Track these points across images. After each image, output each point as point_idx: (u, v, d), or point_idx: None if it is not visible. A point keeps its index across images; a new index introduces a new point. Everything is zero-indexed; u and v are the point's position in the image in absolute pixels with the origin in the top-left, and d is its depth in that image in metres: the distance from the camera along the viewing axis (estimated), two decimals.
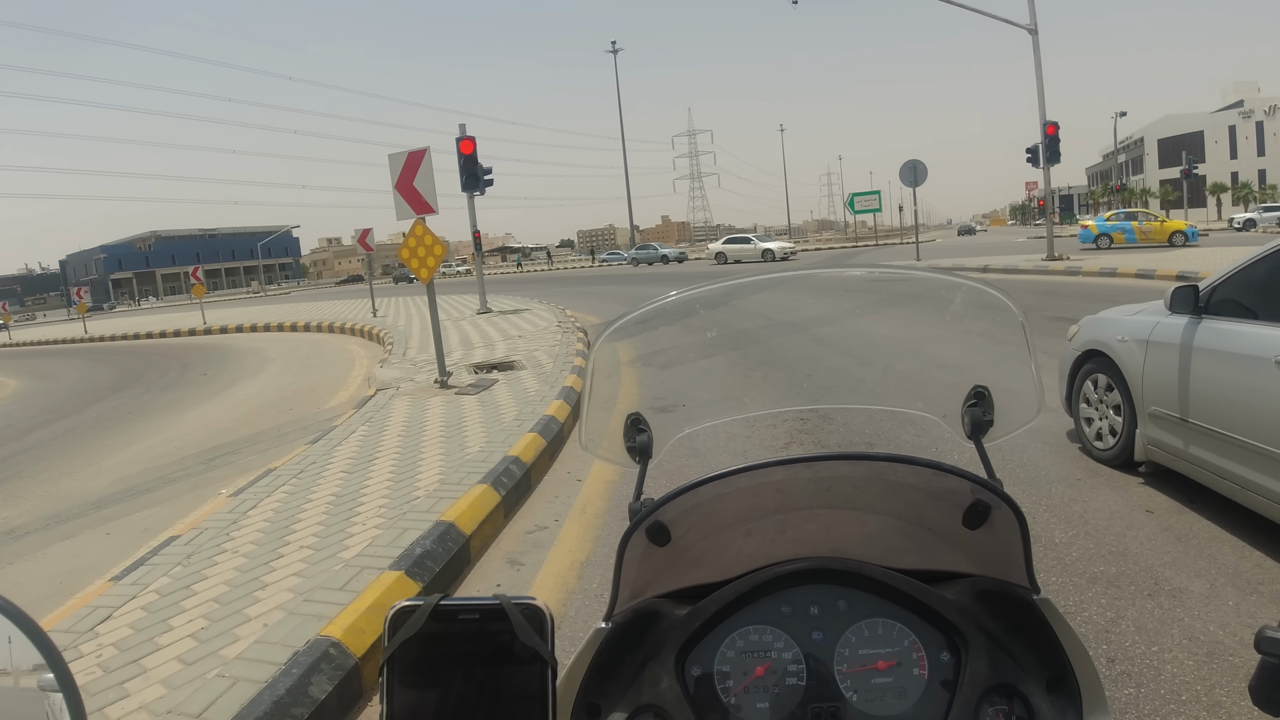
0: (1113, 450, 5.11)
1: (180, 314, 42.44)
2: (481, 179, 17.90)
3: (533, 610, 0.72)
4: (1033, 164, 24.71)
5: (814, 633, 1.08)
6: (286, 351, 18.16)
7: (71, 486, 7.81)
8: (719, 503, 1.10)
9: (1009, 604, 1.05)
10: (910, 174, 27.65)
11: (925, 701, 1.02)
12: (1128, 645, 3.11)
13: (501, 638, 0.72)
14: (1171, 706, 2.72)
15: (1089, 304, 7.93)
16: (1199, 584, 3.57)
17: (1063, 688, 1.00)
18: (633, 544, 1.05)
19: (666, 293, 1.32)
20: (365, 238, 24.57)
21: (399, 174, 9.37)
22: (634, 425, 1.30)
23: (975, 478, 1.05)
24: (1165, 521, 4.28)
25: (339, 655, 3.25)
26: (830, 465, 1.10)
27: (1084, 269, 20.15)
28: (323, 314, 26.88)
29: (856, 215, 60.23)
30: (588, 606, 3.85)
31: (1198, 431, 4.23)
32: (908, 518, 1.14)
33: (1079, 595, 3.53)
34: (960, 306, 1.35)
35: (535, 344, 12.86)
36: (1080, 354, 5.49)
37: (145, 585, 4.23)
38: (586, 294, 27.98)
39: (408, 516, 4.86)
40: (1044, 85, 24.04)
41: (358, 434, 7.40)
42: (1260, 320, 3.99)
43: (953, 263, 27.41)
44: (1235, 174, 75.71)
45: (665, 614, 1.10)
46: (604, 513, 5.16)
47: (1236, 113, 78.45)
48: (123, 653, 3.47)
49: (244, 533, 4.90)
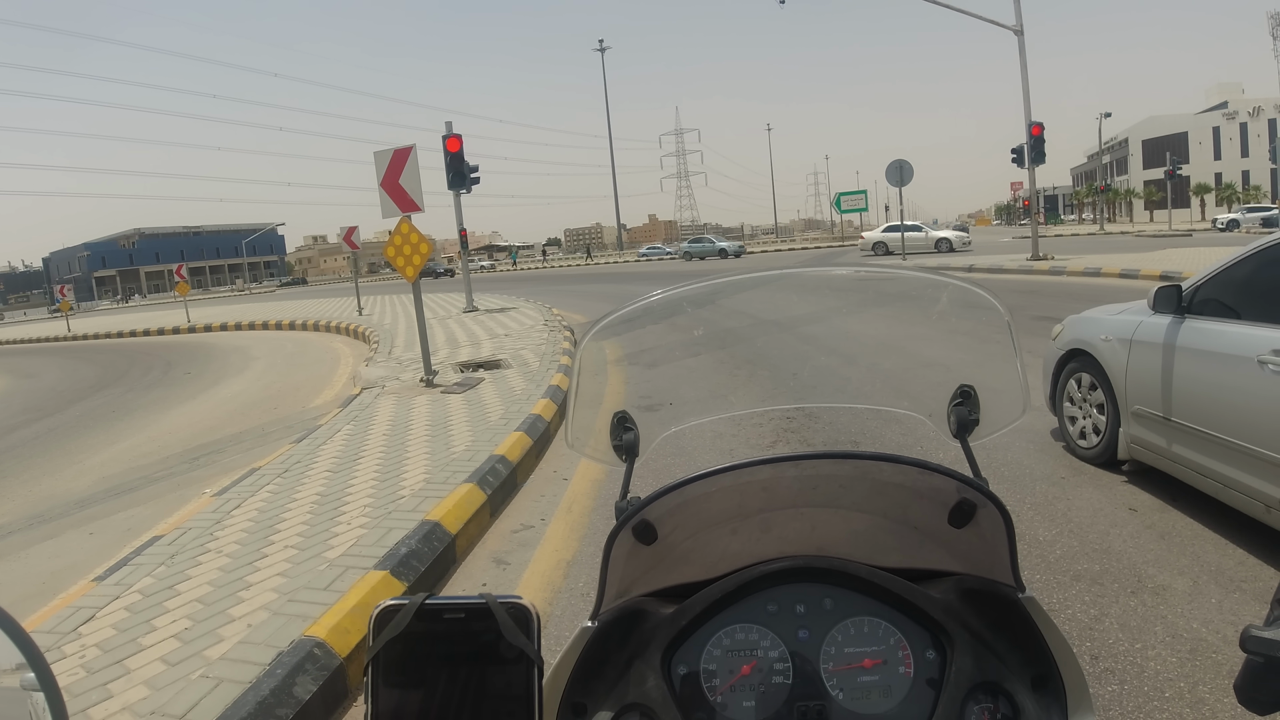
0: (1096, 449, 5.15)
1: (164, 312, 42.13)
2: (468, 177, 17.87)
3: (519, 609, 0.72)
4: (1018, 164, 24.85)
5: (800, 631, 1.08)
6: (271, 350, 18.06)
7: (54, 486, 7.74)
8: (705, 501, 1.10)
9: (994, 602, 1.06)
10: (896, 174, 27.79)
11: (911, 700, 1.02)
12: (1111, 643, 3.13)
13: (487, 637, 0.71)
14: (1155, 703, 2.74)
15: (1073, 304, 7.99)
16: (1182, 581, 3.59)
17: (1047, 685, 1.00)
18: (619, 543, 1.05)
19: (651, 292, 1.32)
20: (351, 235, 24.47)
21: (385, 171, 9.34)
22: (620, 423, 1.30)
23: (961, 476, 1.05)
24: (1148, 519, 4.31)
25: (323, 655, 3.23)
26: (816, 464, 1.10)
27: (1068, 269, 20.27)
28: (308, 312, 26.75)
29: (843, 215, 60.39)
30: (574, 606, 3.85)
31: (1181, 430, 4.26)
32: (893, 516, 1.14)
33: (1062, 593, 3.55)
34: (946, 306, 1.36)
35: (522, 343, 12.84)
36: (1064, 353, 5.52)
37: (128, 585, 4.20)
38: (573, 292, 27.96)
39: (393, 516, 4.84)
40: (1029, 86, 24.18)
41: (343, 433, 7.37)
42: (1243, 320, 4.02)
43: (938, 262, 27.54)
44: (1219, 175, 76.28)
45: (651, 613, 1.09)
46: (590, 511, 5.16)
47: (1220, 114, 79.07)
48: (106, 653, 3.45)
49: (228, 532, 4.86)
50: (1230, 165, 76.93)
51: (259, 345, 19.43)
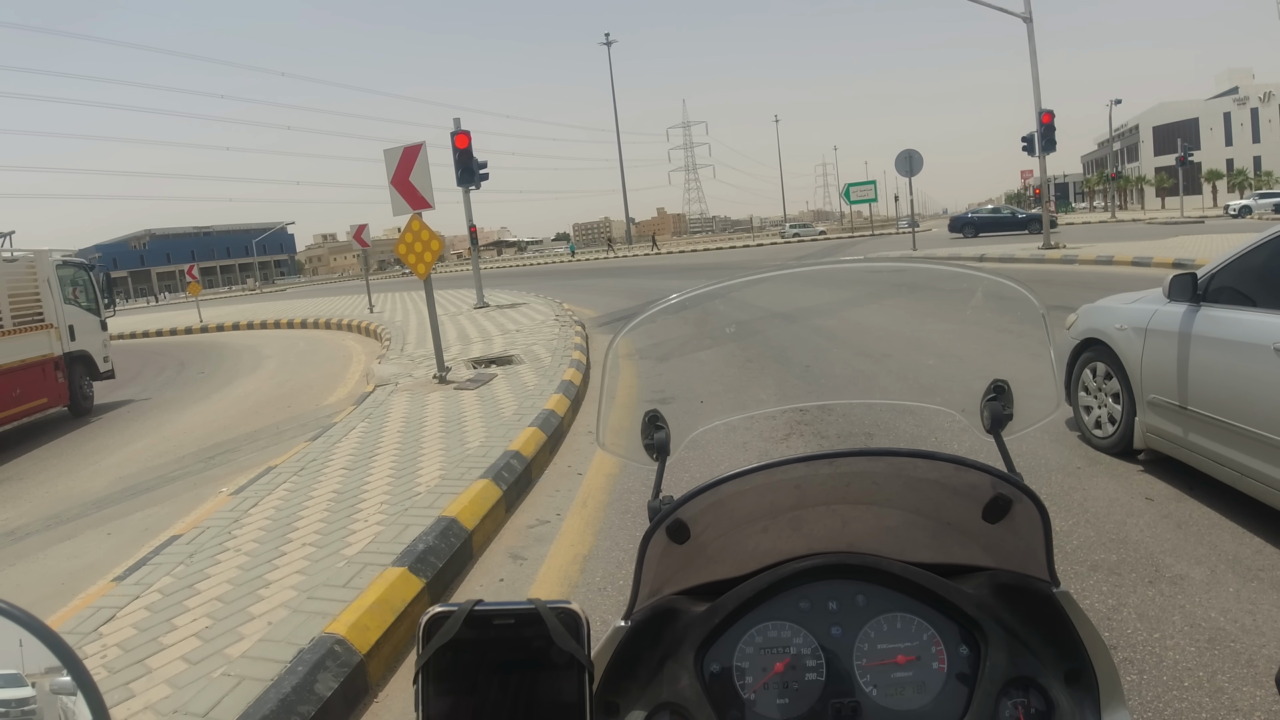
0: (1112, 438, 5.13)
1: (176, 312, 42.31)
2: (477, 173, 17.86)
3: (569, 614, 0.72)
4: (1028, 152, 24.63)
5: (833, 628, 1.08)
6: (283, 349, 18.12)
7: (71, 487, 7.80)
8: (738, 500, 1.10)
9: (1027, 597, 1.06)
10: (906, 164, 27.60)
11: (945, 695, 1.02)
12: (1129, 632, 3.13)
13: (537, 643, 0.71)
14: (1174, 693, 2.73)
15: (1086, 292, 7.94)
16: (1199, 571, 3.58)
17: (1080, 680, 1.00)
18: (654, 543, 1.05)
19: (669, 289, 1.33)
20: (361, 234, 24.48)
21: (395, 169, 9.37)
22: (651, 422, 1.30)
23: (997, 472, 1.05)
24: (1165, 509, 4.29)
25: (344, 652, 3.26)
26: (851, 461, 1.09)
27: (1080, 257, 20.16)
28: (319, 310, 26.84)
29: (852, 205, 60.23)
30: (591, 600, 3.86)
31: (1197, 419, 4.24)
32: (925, 512, 1.14)
33: (1080, 583, 3.54)
34: (980, 299, 1.35)
35: (533, 338, 12.85)
36: (1079, 342, 5.49)
37: (148, 585, 4.23)
38: (581, 287, 27.97)
39: (409, 513, 4.87)
40: (1039, 74, 24.00)
41: (357, 430, 7.40)
42: (1259, 308, 4.00)
43: (949, 252, 27.42)
44: (1230, 161, 75.57)
45: (683, 611, 1.10)
46: (605, 506, 5.17)
47: (1231, 99, 78.30)
48: (127, 653, 3.48)
49: (246, 531, 4.90)
50: (1242, 151, 76.18)
51: (271, 344, 19.51)
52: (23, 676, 0.74)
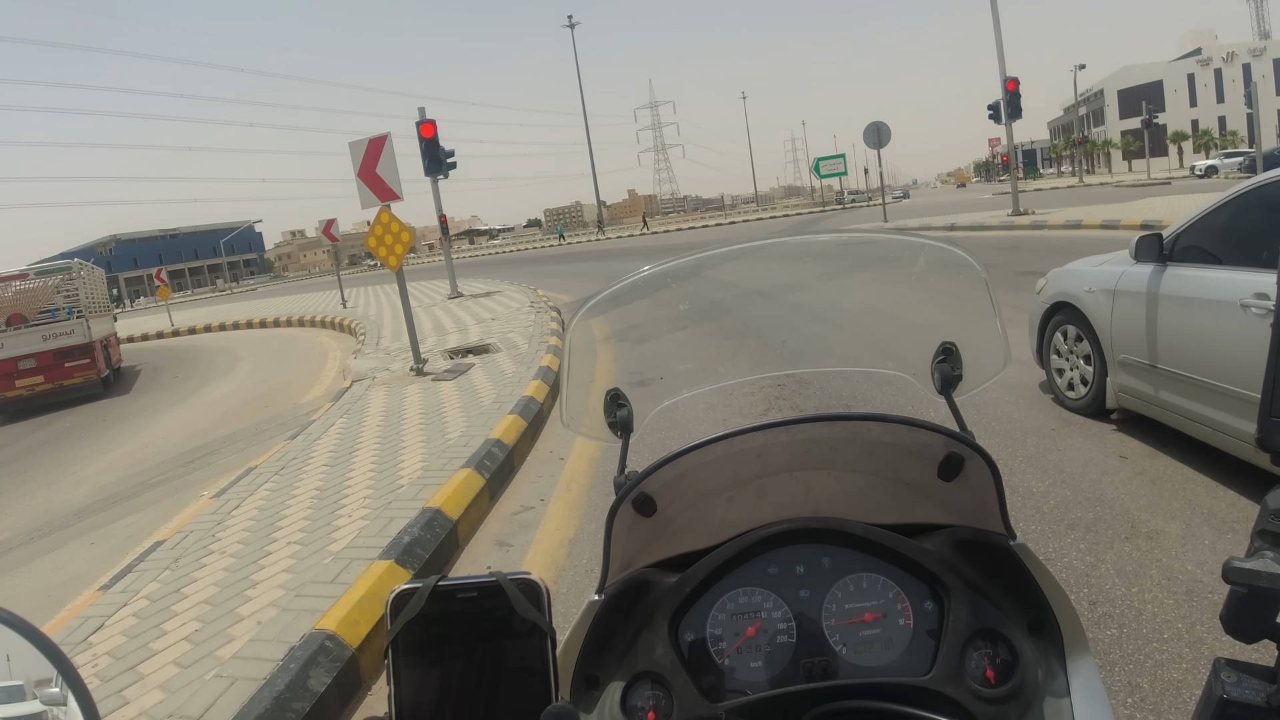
0: (1084, 399, 5.21)
1: (146, 317, 41.78)
2: (444, 162, 17.76)
3: (528, 584, 0.74)
4: (995, 120, 24.75)
5: (801, 591, 1.10)
6: (257, 349, 17.97)
7: (51, 498, 7.72)
8: (701, 471, 1.13)
9: (987, 551, 1.09)
10: (874, 136, 27.72)
11: (912, 650, 1.05)
12: (1108, 588, 3.19)
13: (500, 613, 0.74)
14: (1154, 645, 2.80)
15: (1056, 257, 8.01)
16: (1175, 525, 3.66)
17: (1043, 629, 1.04)
18: (620, 516, 1.08)
19: (639, 268, 1.35)
20: (330, 228, 24.26)
21: (361, 162, 9.28)
22: (614, 400, 1.33)
23: (948, 431, 1.08)
24: (1139, 466, 4.37)
25: (335, 647, 3.27)
26: (807, 428, 1.13)
27: (1049, 222, 20.34)
28: (291, 308, 26.60)
29: (822, 180, 60.45)
30: (579, 582, 3.89)
31: (1167, 377, 4.32)
32: (885, 474, 1.17)
33: (1058, 542, 3.61)
34: (924, 266, 1.39)
35: (509, 326, 12.82)
36: (1049, 306, 5.56)
37: (135, 592, 4.21)
38: (555, 273, 27.91)
39: (393, 505, 4.87)
40: (1003, 41, 24.13)
41: (337, 427, 7.37)
42: (1224, 265, 4.07)
43: (919, 222, 27.58)
44: (1195, 122, 76.31)
45: (655, 583, 1.12)
46: (589, 489, 5.19)
47: (1195, 61, 78.94)
48: (118, 661, 3.47)
49: (230, 533, 4.88)
50: (1206, 112, 76.94)
51: (245, 345, 19.33)
52: (24, 689, 0.75)
